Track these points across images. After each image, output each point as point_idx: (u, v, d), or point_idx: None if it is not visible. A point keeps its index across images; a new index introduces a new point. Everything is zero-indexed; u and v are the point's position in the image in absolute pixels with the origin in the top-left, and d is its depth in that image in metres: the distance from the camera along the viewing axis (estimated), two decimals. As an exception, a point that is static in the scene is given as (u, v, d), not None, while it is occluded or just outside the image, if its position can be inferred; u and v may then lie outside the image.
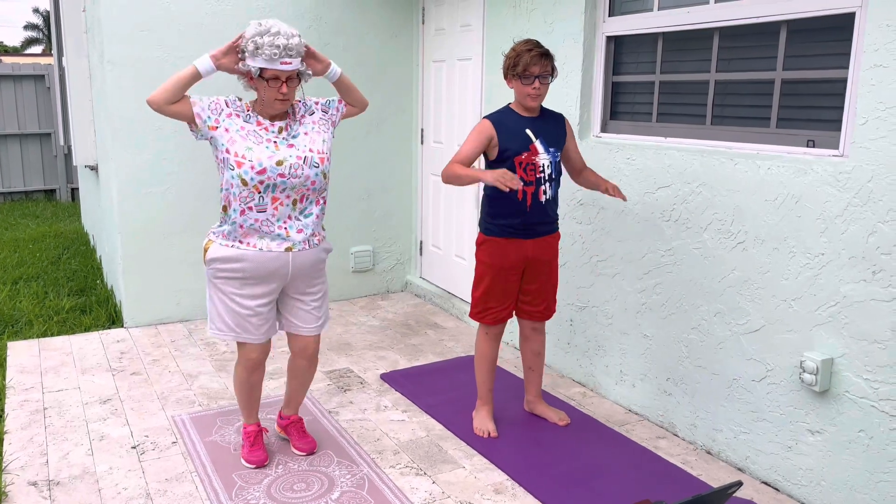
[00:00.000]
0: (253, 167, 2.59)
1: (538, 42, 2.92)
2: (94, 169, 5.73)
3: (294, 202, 2.71)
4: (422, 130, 5.25)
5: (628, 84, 3.55)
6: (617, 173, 3.44)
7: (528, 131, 2.97)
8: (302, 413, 3.40)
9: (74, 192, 10.10)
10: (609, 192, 3.02)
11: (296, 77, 2.63)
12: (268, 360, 4.06)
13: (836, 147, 2.62)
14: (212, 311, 2.81)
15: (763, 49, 2.89)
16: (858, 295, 2.49)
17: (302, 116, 2.77)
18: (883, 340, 2.43)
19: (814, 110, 2.73)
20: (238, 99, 2.71)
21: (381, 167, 5.24)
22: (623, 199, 3.02)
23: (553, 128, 3.04)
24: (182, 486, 2.79)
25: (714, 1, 3.03)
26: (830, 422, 2.62)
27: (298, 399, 3.09)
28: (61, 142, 8.72)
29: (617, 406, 3.56)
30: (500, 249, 3.03)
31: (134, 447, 3.08)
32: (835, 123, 2.65)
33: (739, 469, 2.97)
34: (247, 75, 2.63)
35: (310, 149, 2.70)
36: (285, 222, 2.71)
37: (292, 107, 2.76)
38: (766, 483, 2.87)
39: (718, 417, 3.05)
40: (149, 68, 4.37)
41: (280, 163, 2.63)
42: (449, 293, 5.08)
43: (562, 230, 3.81)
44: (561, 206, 3.82)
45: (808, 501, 2.72)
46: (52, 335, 4.45)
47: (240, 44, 2.59)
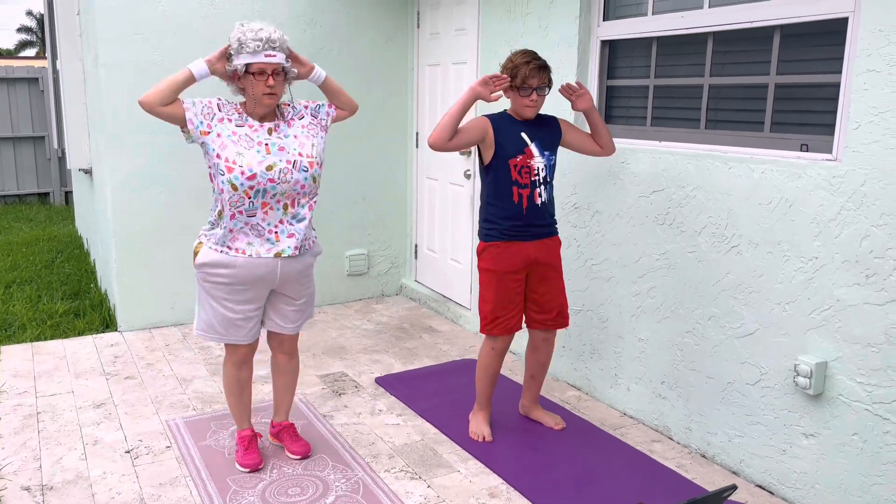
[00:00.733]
0: (243, 172, 2.60)
1: (536, 53, 2.93)
2: (88, 172, 5.71)
3: (285, 206, 2.72)
4: (417, 134, 5.25)
5: (623, 88, 3.56)
6: (611, 177, 3.44)
7: (524, 134, 2.99)
8: (295, 417, 3.39)
9: (68, 196, 10.06)
10: (573, 93, 3.02)
11: (281, 72, 2.65)
12: (259, 365, 4.05)
13: (830, 151, 2.63)
14: (200, 313, 2.82)
15: (757, 54, 2.90)
16: (852, 298, 2.50)
17: (291, 119, 2.78)
18: (876, 344, 2.44)
19: (807, 114, 2.74)
20: (228, 101, 2.72)
21: (376, 170, 5.24)
22: (578, 87, 3.01)
23: (547, 132, 3.06)
24: (176, 491, 2.78)
25: (708, 6, 3.04)
26: (824, 425, 2.62)
27: (286, 402, 3.09)
28: (55, 145, 8.69)
29: (612, 409, 3.56)
30: (502, 253, 3.01)
31: (128, 451, 3.07)
32: (828, 128, 2.66)
33: (734, 472, 2.98)
34: (234, 76, 2.65)
35: (299, 153, 2.72)
36: (276, 226, 2.72)
37: (280, 109, 2.78)
38: (761, 486, 2.87)
39: (713, 421, 3.06)
40: (143, 71, 4.36)
41: (270, 168, 2.64)
42: (444, 297, 5.08)
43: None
44: (556, 210, 3.82)
45: (803, 505, 2.73)
46: (46, 339, 4.43)
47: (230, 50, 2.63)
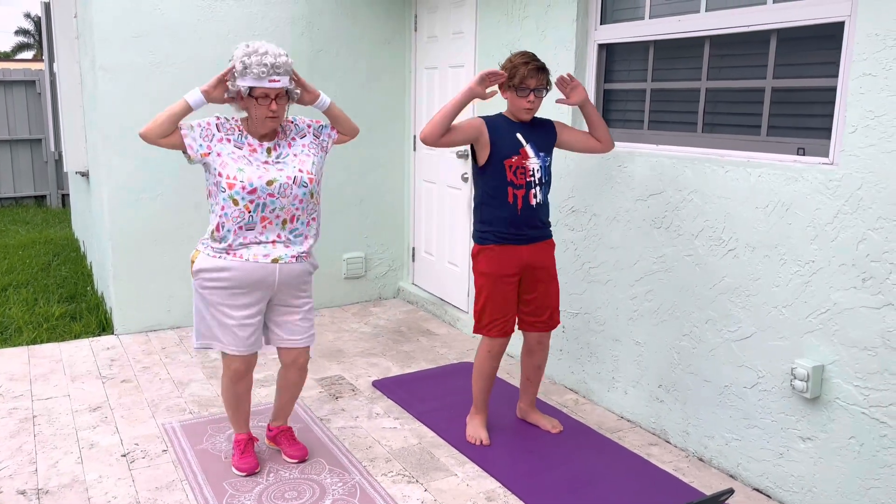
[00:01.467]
0: (244, 187, 2.64)
1: (535, 55, 2.94)
2: (85, 175, 5.71)
3: (283, 222, 2.74)
4: (414, 137, 5.26)
5: (620, 92, 3.56)
6: (609, 181, 3.45)
7: (519, 135, 3.00)
8: (293, 420, 3.39)
9: (65, 199, 10.05)
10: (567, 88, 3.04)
11: (284, 95, 2.67)
12: (259, 368, 4.04)
13: (826, 155, 2.63)
14: (198, 324, 2.80)
15: (753, 57, 2.91)
16: (849, 302, 2.50)
17: (293, 138, 2.80)
18: (873, 347, 2.44)
19: (804, 118, 2.74)
20: (227, 119, 2.73)
21: (374, 173, 5.24)
22: (568, 78, 3.02)
23: (542, 133, 3.06)
24: (172, 495, 2.77)
25: (705, 10, 3.05)
26: (821, 428, 2.63)
27: (287, 410, 3.08)
28: (52, 148, 8.68)
29: (609, 413, 3.56)
30: (497, 256, 3.02)
31: (124, 455, 3.06)
32: (825, 132, 2.67)
33: (731, 476, 2.98)
34: (237, 96, 2.66)
35: (299, 169, 2.75)
36: (274, 240, 2.74)
37: (282, 127, 2.80)
38: (758, 490, 2.87)
39: (710, 424, 3.06)
40: (141, 74, 4.35)
41: (270, 182, 2.67)
42: (441, 300, 5.08)
43: (554, 237, 3.82)
44: (553, 214, 3.82)
45: (800, 508, 2.73)
46: (42, 342, 4.42)
47: (227, 76, 2.64)
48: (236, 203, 2.65)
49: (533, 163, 2.99)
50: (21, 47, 30.81)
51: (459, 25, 4.62)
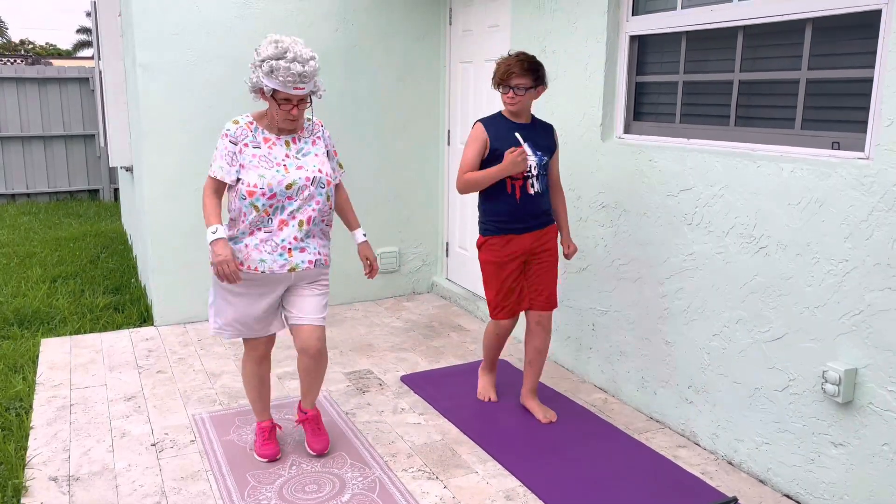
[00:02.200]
0: (264, 193, 2.68)
1: (530, 56, 3.03)
2: (130, 170, 5.86)
3: (300, 223, 2.77)
4: (448, 132, 5.24)
5: (652, 84, 3.48)
6: (639, 175, 3.37)
7: (517, 134, 3.10)
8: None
9: (116, 192, 10.34)
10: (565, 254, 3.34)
11: (307, 98, 2.69)
12: (288, 361, 4.09)
13: (862, 149, 2.52)
14: (215, 307, 2.87)
15: (788, 48, 2.80)
16: (883, 303, 2.39)
17: (318, 136, 2.86)
18: (909, 351, 2.33)
19: (839, 111, 2.63)
20: (236, 125, 2.73)
21: (408, 168, 5.24)
22: (573, 249, 3.33)
23: (541, 135, 3.19)
24: (196, 485, 2.82)
25: (738, -1, 2.95)
26: (854, 434, 2.52)
27: (314, 392, 3.07)
28: (103, 143, 8.94)
29: (638, 413, 3.49)
30: (500, 245, 3.18)
31: (153, 445, 3.14)
32: (860, 125, 2.55)
33: (761, 481, 2.89)
34: (259, 91, 2.68)
35: (319, 169, 2.78)
36: (290, 242, 2.77)
37: (307, 124, 2.85)
38: (788, 496, 2.78)
39: (740, 427, 2.97)
40: (178, 71, 4.44)
41: (290, 186, 2.71)
42: (474, 294, 5.05)
43: (584, 233, 3.76)
44: (583, 210, 3.76)
45: (831, 516, 2.63)
46: (85, 332, 4.56)
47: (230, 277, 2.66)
48: (257, 209, 2.71)
49: (530, 159, 3.11)
50: (81, 45, 31.76)
51: (495, 19, 4.57)
